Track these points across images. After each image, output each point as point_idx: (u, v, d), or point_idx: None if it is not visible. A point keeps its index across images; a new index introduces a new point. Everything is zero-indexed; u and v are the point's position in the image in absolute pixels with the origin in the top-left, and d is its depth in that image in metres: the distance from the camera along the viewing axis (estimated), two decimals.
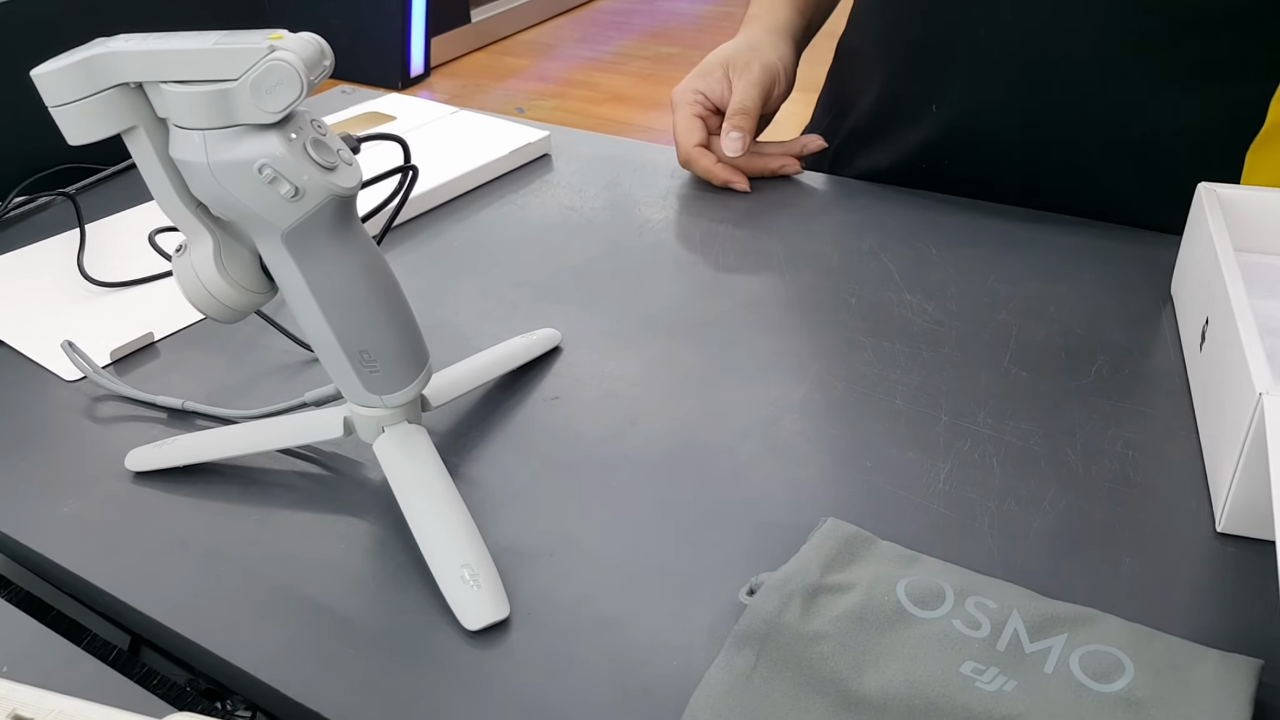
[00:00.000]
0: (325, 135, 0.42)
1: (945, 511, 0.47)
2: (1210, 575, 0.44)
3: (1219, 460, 0.47)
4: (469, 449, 0.52)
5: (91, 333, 0.62)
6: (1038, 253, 0.68)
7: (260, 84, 0.38)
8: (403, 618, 0.43)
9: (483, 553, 0.44)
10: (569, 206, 0.77)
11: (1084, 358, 0.58)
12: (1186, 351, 0.57)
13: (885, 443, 0.52)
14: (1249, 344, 0.45)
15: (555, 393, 0.57)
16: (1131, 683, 0.36)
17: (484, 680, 0.40)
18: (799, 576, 0.41)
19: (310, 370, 0.59)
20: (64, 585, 0.47)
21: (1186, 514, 0.47)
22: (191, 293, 0.44)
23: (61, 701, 0.35)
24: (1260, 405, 0.42)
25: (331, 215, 0.41)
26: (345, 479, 0.51)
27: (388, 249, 0.72)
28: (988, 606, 0.39)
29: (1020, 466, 0.50)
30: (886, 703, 0.36)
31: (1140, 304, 0.62)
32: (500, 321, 0.63)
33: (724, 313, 0.63)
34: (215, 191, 0.40)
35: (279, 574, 0.45)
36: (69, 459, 0.53)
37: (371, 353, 0.45)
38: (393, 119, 0.90)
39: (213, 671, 0.43)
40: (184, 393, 0.56)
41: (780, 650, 0.38)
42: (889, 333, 0.60)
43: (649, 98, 3.30)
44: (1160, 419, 0.53)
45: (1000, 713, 0.35)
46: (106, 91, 0.39)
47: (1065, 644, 0.38)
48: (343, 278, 0.43)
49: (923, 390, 0.55)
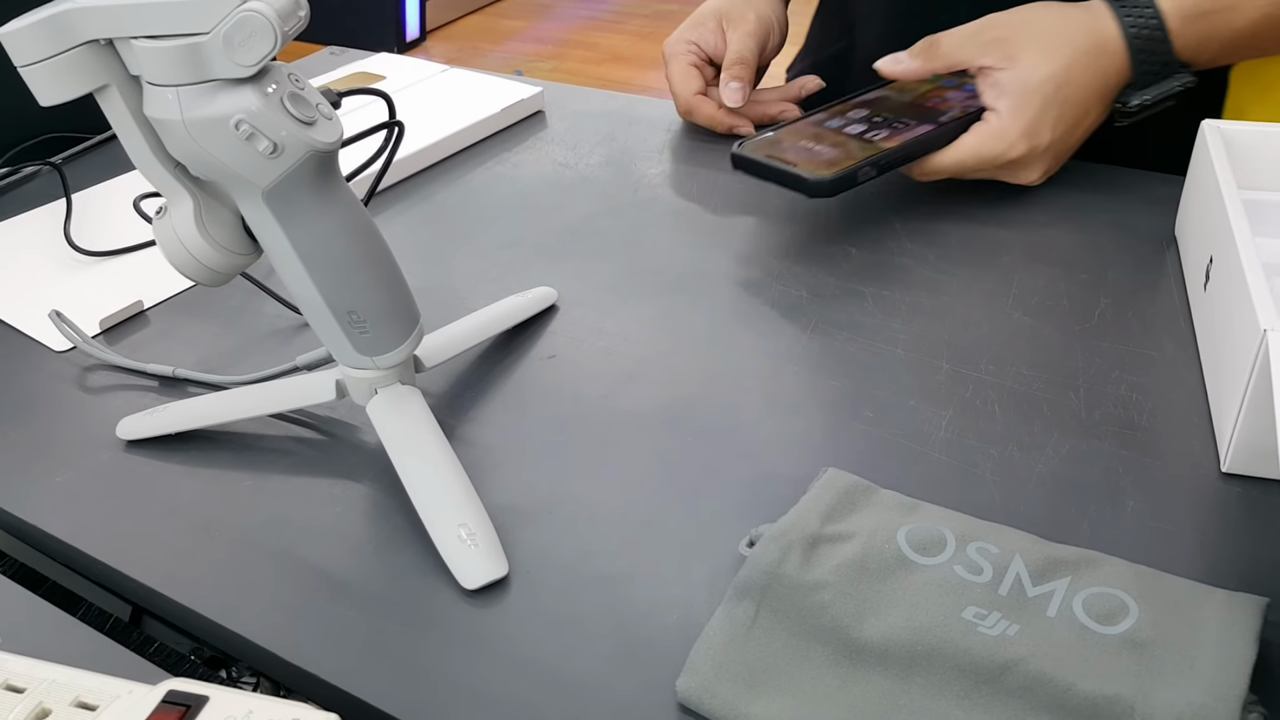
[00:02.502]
0: (303, 90, 0.41)
1: (947, 459, 0.47)
2: (1215, 516, 0.43)
3: (1223, 400, 0.46)
4: (465, 409, 0.52)
5: (80, 302, 0.61)
6: (1040, 197, 0.67)
7: (233, 36, 0.37)
8: (401, 579, 0.43)
9: (480, 512, 0.44)
10: (564, 164, 0.76)
11: (1087, 301, 0.57)
12: (1190, 292, 0.56)
13: (886, 392, 0.51)
14: (1253, 281, 0.44)
15: (552, 351, 0.56)
16: (1136, 624, 0.36)
17: (484, 639, 0.40)
18: (799, 527, 0.40)
19: (302, 335, 0.58)
20: (58, 556, 0.47)
21: (1191, 455, 0.46)
22: (173, 256, 0.43)
23: (55, 671, 0.34)
24: (1265, 342, 0.41)
25: (312, 172, 0.40)
26: (339, 442, 0.50)
27: (378, 211, 0.71)
28: (989, 552, 0.39)
29: (1023, 412, 0.49)
30: (888, 649, 0.36)
31: (1143, 245, 0.61)
32: (495, 281, 0.62)
33: (721, 266, 0.62)
34: (192, 150, 0.39)
35: (275, 539, 0.45)
36: (60, 429, 0.52)
37: (360, 313, 0.44)
38: (382, 79, 0.89)
39: (211, 638, 0.43)
40: (174, 360, 0.56)
41: (780, 600, 0.38)
42: (889, 282, 0.60)
43: (649, 57, 3.26)
44: (1164, 361, 0.52)
45: (1003, 656, 0.35)
46: (76, 49, 0.38)
47: (1069, 587, 0.37)
48: (327, 236, 0.42)
49: (924, 339, 0.55)
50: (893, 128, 0.63)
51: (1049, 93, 0.62)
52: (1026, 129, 0.62)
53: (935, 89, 0.67)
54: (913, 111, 0.64)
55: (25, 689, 0.33)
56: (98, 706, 0.33)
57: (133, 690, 0.33)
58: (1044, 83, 0.61)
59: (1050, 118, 0.62)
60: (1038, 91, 0.62)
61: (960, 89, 0.66)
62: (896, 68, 0.68)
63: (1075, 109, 0.62)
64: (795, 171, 0.60)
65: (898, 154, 0.61)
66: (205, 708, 0.32)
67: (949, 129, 0.63)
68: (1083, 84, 0.62)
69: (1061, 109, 0.62)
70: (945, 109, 0.64)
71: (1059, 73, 0.61)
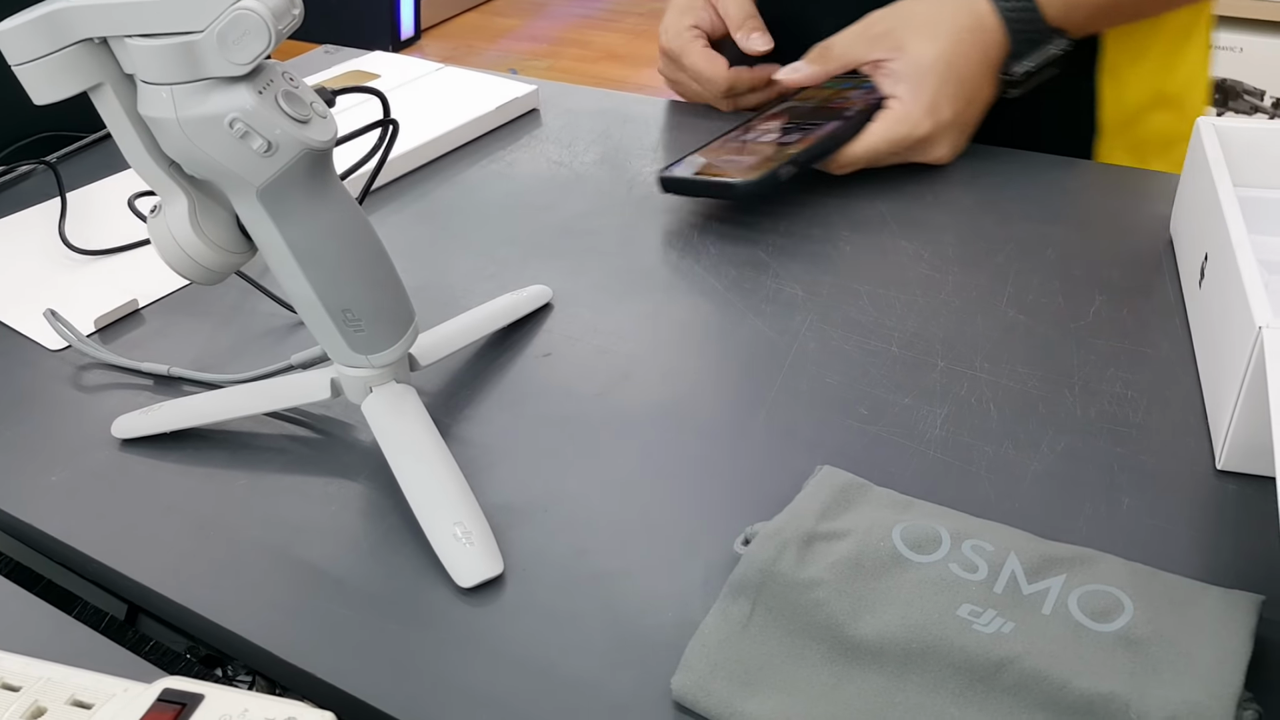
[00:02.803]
0: (297, 88, 0.40)
1: (942, 457, 0.47)
2: (1210, 513, 0.43)
3: (1219, 397, 0.46)
4: (460, 408, 0.52)
5: (75, 301, 0.61)
6: (1035, 194, 0.67)
7: (227, 35, 0.37)
8: (396, 578, 0.43)
9: (475, 510, 0.44)
10: (558, 162, 0.76)
11: (1082, 298, 0.57)
12: (1186, 289, 0.56)
13: (881, 389, 0.51)
14: (1249, 278, 0.44)
15: (547, 350, 0.56)
16: (1131, 621, 0.36)
17: (479, 637, 0.40)
18: (794, 525, 0.40)
19: (297, 334, 0.58)
20: (53, 554, 0.47)
21: (1186, 452, 0.46)
22: (168, 254, 0.43)
23: (50, 669, 0.34)
24: (1260, 339, 0.41)
25: (307, 170, 0.40)
26: (334, 441, 0.50)
27: (372, 209, 0.71)
28: (985, 549, 0.39)
29: (1018, 410, 0.49)
30: (883, 647, 0.36)
31: (1139, 243, 0.61)
32: (490, 280, 0.62)
33: (716, 264, 0.62)
34: (186, 149, 0.39)
35: (270, 538, 0.45)
36: (55, 428, 0.52)
37: (355, 311, 0.44)
38: (377, 77, 0.89)
39: (207, 637, 0.42)
40: (170, 359, 0.56)
41: (775, 598, 0.38)
42: (885, 279, 0.60)
43: (644, 55, 3.26)
44: (1159, 358, 0.52)
45: (998, 654, 0.35)
46: (70, 48, 0.38)
47: (1064, 585, 0.37)
48: (321, 234, 0.42)
49: (919, 336, 0.55)
50: (804, 130, 0.67)
51: (941, 70, 0.65)
52: (928, 107, 0.66)
53: (837, 92, 0.71)
54: (820, 115, 0.68)
55: (21, 687, 0.33)
56: (93, 705, 0.33)
57: (128, 688, 0.33)
58: (935, 62, 0.65)
59: (948, 93, 0.66)
60: (930, 71, 0.66)
61: (858, 88, 0.70)
62: (795, 75, 0.72)
63: (969, 83, 0.66)
64: (722, 180, 0.63)
65: (814, 150, 0.65)
66: (200, 706, 0.32)
67: (855, 120, 0.67)
68: (971, 59, 0.66)
69: (957, 85, 0.66)
70: (849, 107, 0.68)
71: (947, 51, 0.65)
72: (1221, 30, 1.91)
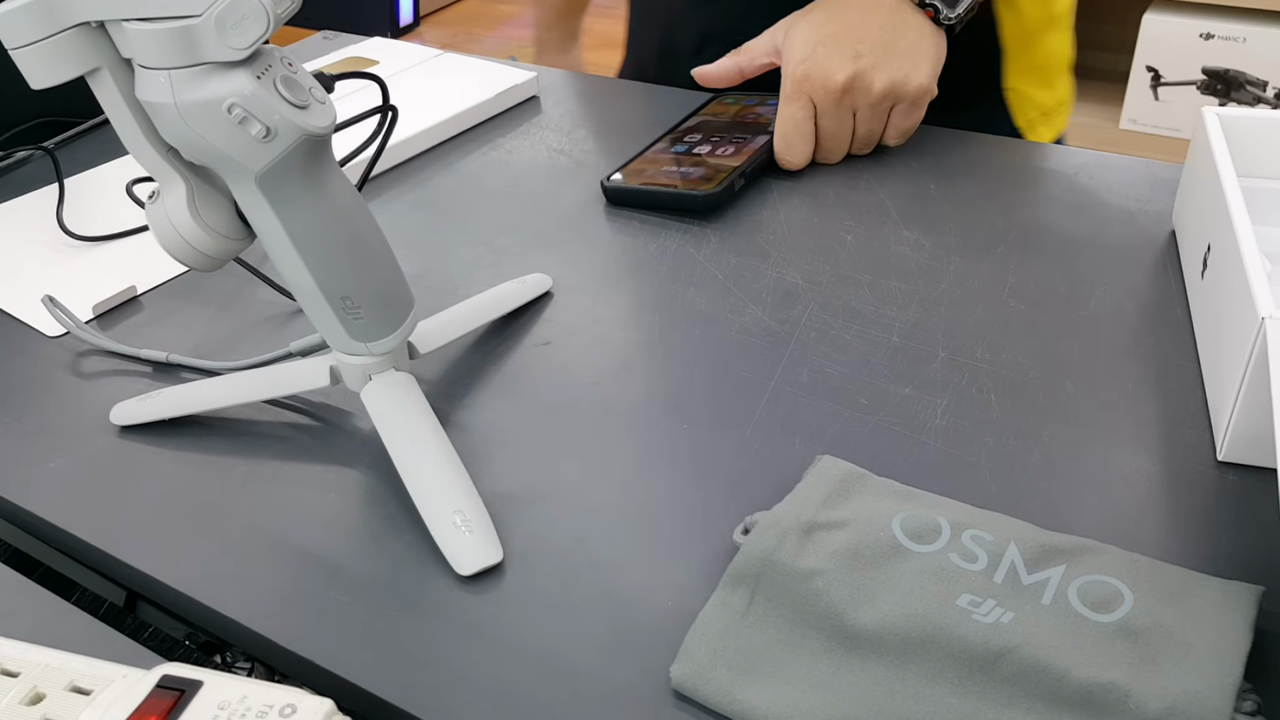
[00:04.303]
0: (296, 73, 0.40)
1: (942, 447, 0.47)
2: (1211, 504, 0.43)
3: (1220, 388, 0.46)
4: (459, 396, 0.52)
5: (73, 287, 0.61)
6: (1036, 184, 0.67)
7: (225, 19, 0.36)
8: (395, 565, 0.43)
9: (474, 498, 0.44)
10: (558, 149, 0.75)
11: (1083, 289, 0.57)
12: (1188, 279, 0.56)
13: (882, 380, 0.51)
14: (1251, 269, 0.44)
15: (547, 338, 0.56)
16: (1131, 612, 0.36)
17: (478, 625, 0.40)
18: (794, 514, 0.40)
19: (296, 321, 0.58)
20: (52, 541, 0.47)
21: (1187, 444, 0.46)
22: (166, 240, 0.43)
23: (49, 655, 0.34)
24: (1263, 330, 0.41)
25: (306, 156, 0.40)
26: (334, 429, 0.50)
27: (371, 196, 0.70)
28: (984, 539, 0.39)
29: (1018, 401, 0.49)
30: (882, 637, 0.36)
31: (1140, 233, 0.61)
32: (489, 268, 0.62)
33: (716, 253, 0.62)
34: (185, 134, 0.39)
35: (269, 525, 0.45)
36: (53, 414, 0.52)
37: (354, 299, 0.44)
38: (375, 63, 0.88)
39: (206, 624, 0.42)
40: (168, 346, 0.56)
41: (775, 587, 0.38)
42: (885, 269, 0.59)
43: None
44: (1160, 349, 0.52)
45: (997, 644, 0.35)
46: (67, 32, 0.38)
47: (1063, 575, 0.37)
48: (320, 221, 0.42)
49: (920, 326, 0.55)
50: (735, 143, 0.70)
51: (813, 14, 0.69)
52: (800, 52, 0.68)
53: (745, 108, 0.75)
54: (740, 128, 0.72)
55: (19, 673, 0.33)
56: (92, 691, 0.33)
57: (127, 675, 0.33)
58: (806, 20, 0.69)
59: (822, 26, 0.68)
60: (802, 18, 0.69)
61: (764, 104, 0.74)
62: (715, 71, 0.74)
63: (835, 14, 0.68)
64: (681, 191, 0.65)
65: (759, 158, 0.68)
66: (199, 693, 0.32)
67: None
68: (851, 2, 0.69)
69: (822, 20, 0.68)
70: (766, 121, 0.72)
71: (818, 4, 0.70)
72: (1224, 20, 1.91)
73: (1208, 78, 1.95)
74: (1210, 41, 1.92)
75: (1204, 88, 1.96)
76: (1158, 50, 1.97)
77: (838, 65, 0.67)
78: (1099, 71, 2.12)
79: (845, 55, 0.67)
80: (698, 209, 0.65)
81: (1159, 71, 1.99)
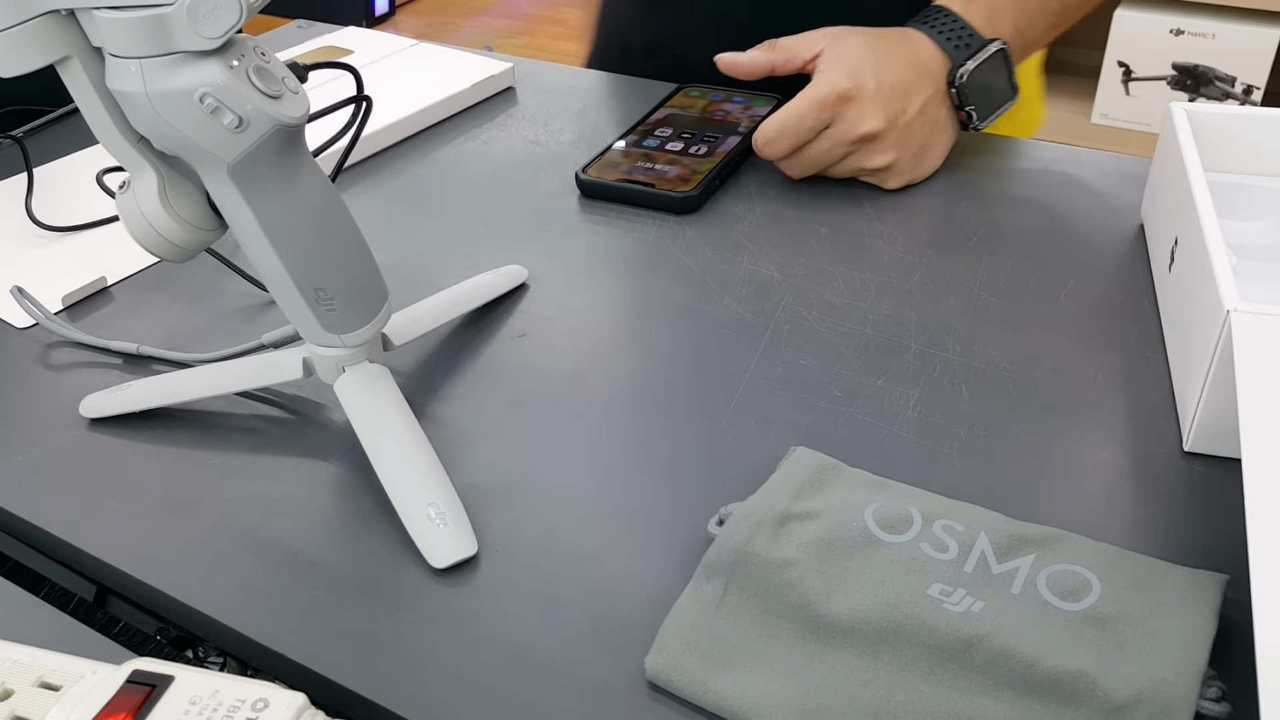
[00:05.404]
0: (269, 63, 0.40)
1: (914, 438, 0.47)
2: (1178, 494, 0.44)
3: (1187, 380, 0.47)
4: (434, 388, 0.52)
5: (42, 278, 0.60)
6: (1009, 178, 0.67)
7: (197, 8, 0.36)
8: (369, 558, 0.42)
9: (449, 491, 0.44)
10: (534, 140, 0.75)
11: (1054, 282, 0.57)
12: (1156, 273, 0.57)
13: (855, 371, 0.51)
14: (1217, 262, 0.45)
15: (521, 330, 0.56)
16: (1098, 600, 0.36)
17: (453, 618, 0.40)
18: (767, 505, 0.41)
19: (268, 312, 0.58)
20: (20, 535, 0.46)
21: (1154, 434, 0.47)
22: (137, 231, 0.42)
23: (17, 651, 0.34)
24: (1228, 322, 0.42)
25: (278, 147, 0.40)
26: (307, 421, 0.50)
27: (346, 187, 0.70)
28: (955, 529, 0.39)
29: (989, 392, 0.50)
30: (855, 626, 0.36)
31: (1110, 227, 0.62)
32: (464, 259, 0.62)
33: (692, 245, 0.62)
34: (156, 124, 0.38)
35: (241, 518, 0.45)
36: (21, 407, 0.51)
37: (327, 290, 0.44)
38: (350, 53, 0.88)
39: (177, 618, 0.42)
40: (139, 337, 0.55)
41: (748, 578, 0.38)
42: (859, 262, 0.60)
43: None
44: (1129, 341, 0.52)
45: (968, 633, 0.35)
46: (36, 19, 0.37)
47: (1033, 564, 0.38)
48: (293, 212, 0.41)
49: (892, 318, 0.55)
50: (707, 142, 0.70)
51: (862, 45, 0.67)
52: (847, 71, 0.66)
53: (711, 104, 0.75)
54: (711, 126, 0.72)
55: None
56: (61, 686, 0.32)
57: (97, 670, 0.33)
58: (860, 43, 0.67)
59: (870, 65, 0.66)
60: (854, 48, 0.67)
61: (730, 101, 0.75)
62: (744, 63, 0.71)
63: (894, 64, 0.66)
64: (659, 191, 0.65)
65: (733, 158, 0.69)
66: (170, 687, 0.32)
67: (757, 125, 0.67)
68: (894, 44, 0.67)
69: (878, 60, 0.66)
70: (735, 120, 0.73)
71: (873, 38, 0.67)
72: (1193, 17, 1.93)
73: (1178, 73, 1.97)
74: (1180, 37, 1.94)
75: (1174, 83, 1.98)
76: (1129, 46, 1.98)
77: (872, 115, 0.64)
78: (1071, 66, 2.13)
79: (886, 112, 0.65)
80: (674, 210, 0.65)
81: (1130, 67, 2.01)
